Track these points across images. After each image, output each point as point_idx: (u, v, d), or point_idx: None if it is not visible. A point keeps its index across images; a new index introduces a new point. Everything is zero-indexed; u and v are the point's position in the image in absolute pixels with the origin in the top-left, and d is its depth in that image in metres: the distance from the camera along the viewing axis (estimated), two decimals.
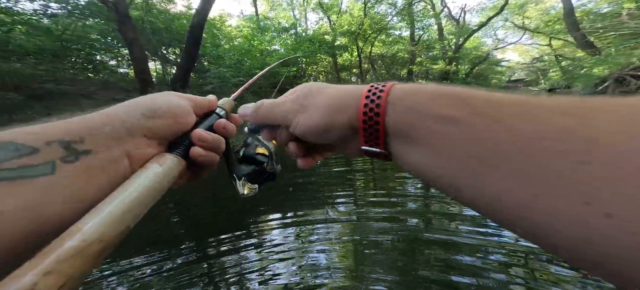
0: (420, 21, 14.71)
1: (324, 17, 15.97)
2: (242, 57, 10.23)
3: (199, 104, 0.31)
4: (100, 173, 0.21)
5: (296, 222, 1.74)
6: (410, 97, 0.20)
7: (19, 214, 0.17)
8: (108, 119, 0.23)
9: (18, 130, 0.19)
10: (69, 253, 0.16)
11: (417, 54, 15.29)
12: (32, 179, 0.17)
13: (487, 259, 1.23)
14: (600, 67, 6.07)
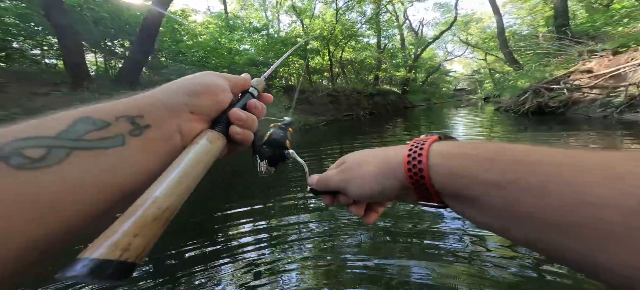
0: (386, 30, 14.83)
1: (297, 20, 15.10)
2: (208, 54, 8.74)
3: (234, 82, 0.29)
4: (159, 146, 0.21)
5: (267, 221, 1.58)
6: (451, 161, 0.19)
7: (98, 180, 0.17)
8: (160, 97, 0.23)
9: (89, 108, 0.19)
10: (150, 219, 0.17)
11: (382, 61, 15.53)
12: (106, 149, 0.18)
13: (460, 248, 1.18)
14: (522, 80, 6.46)
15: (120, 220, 0.16)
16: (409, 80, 14.80)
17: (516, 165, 0.16)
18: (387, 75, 16.13)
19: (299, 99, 11.28)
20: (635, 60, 4.00)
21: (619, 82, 4.12)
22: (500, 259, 1.08)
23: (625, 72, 4.10)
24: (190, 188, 0.20)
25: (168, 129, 0.22)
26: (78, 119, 0.18)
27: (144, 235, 0.16)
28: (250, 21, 13.80)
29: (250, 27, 12.62)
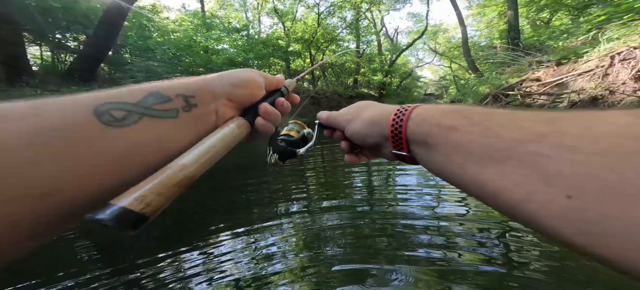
0: (365, 36, 15.32)
1: (279, 22, 14.76)
2: (181, 52, 8.10)
3: (270, 81, 0.32)
4: (200, 122, 0.24)
5: (247, 225, 1.51)
6: (425, 113, 0.23)
7: (156, 143, 0.20)
8: (208, 83, 0.26)
9: (159, 84, 0.23)
10: (173, 182, 0.18)
11: (361, 66, 15.90)
12: (165, 119, 0.21)
13: (433, 238, 1.23)
14: (483, 87, 6.99)
15: (149, 178, 0.18)
16: (386, 85, 15.33)
17: (473, 114, 0.19)
18: (366, 79, 16.50)
19: None
20: (575, 71, 4.55)
21: (563, 89, 4.65)
22: (483, 262, 1.07)
23: (567, 81, 4.64)
24: (213, 161, 0.23)
25: (209, 109, 0.25)
26: (151, 92, 0.21)
27: (165, 195, 0.18)
28: (230, 21, 13.16)
29: (229, 27, 12.02)
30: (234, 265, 1.16)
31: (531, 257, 1.07)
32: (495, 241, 1.20)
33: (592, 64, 4.28)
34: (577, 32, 5.83)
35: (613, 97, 3.74)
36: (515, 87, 5.63)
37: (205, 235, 1.47)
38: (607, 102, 3.78)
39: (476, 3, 13.84)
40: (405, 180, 2.18)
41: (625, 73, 3.73)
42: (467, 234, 1.28)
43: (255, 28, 14.40)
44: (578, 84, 4.38)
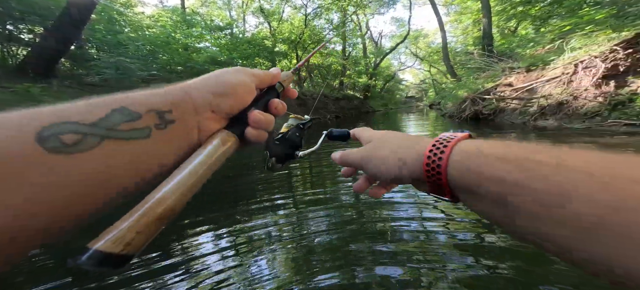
0: (351, 39, 15.37)
1: (264, 22, 14.32)
2: (157, 49, 7.49)
3: (262, 79, 0.27)
4: (178, 141, 0.21)
5: (233, 230, 1.45)
6: (469, 160, 0.19)
7: (125, 168, 0.17)
8: (185, 94, 0.22)
9: (125, 97, 0.19)
10: (153, 218, 0.17)
11: (347, 68, 15.92)
12: (133, 140, 0.18)
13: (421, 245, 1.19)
14: (461, 91, 7.26)
15: (127, 215, 0.17)
16: (370, 87, 15.48)
17: (520, 164, 0.16)
18: (351, 81, 16.56)
19: None
20: (544, 77, 4.77)
21: (532, 94, 4.86)
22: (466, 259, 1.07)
23: (536, 86, 4.86)
24: (196, 188, 0.20)
25: (189, 125, 0.22)
26: (115, 108, 0.18)
27: (146, 232, 0.16)
28: (212, 19, 12.50)
29: (211, 24, 11.40)
30: (216, 270, 1.09)
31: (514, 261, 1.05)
32: (479, 242, 1.20)
33: (558, 71, 4.51)
34: (542, 41, 6.17)
35: (576, 103, 3.94)
36: (491, 91, 5.84)
37: (188, 236, 1.38)
38: (571, 107, 3.97)
39: (454, 10, 14.41)
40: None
41: (587, 80, 3.94)
42: (451, 238, 1.26)
43: (239, 27, 13.84)
44: (546, 89, 4.59)
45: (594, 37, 4.35)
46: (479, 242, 1.19)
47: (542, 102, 4.45)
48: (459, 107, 6.60)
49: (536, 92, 4.80)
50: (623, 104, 3.38)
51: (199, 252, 1.24)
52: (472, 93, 6.27)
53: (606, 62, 3.77)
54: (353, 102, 14.82)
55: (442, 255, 1.09)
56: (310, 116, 0.34)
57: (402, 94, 21.93)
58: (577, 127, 3.67)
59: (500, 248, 1.12)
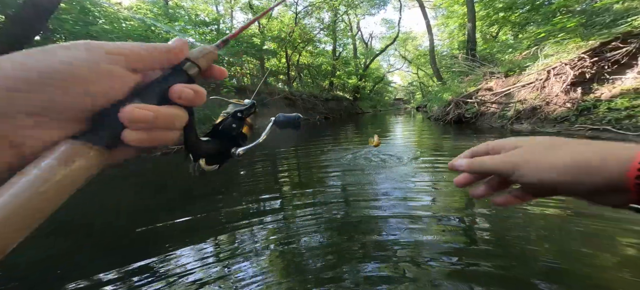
0: (341, 39, 15.40)
1: None
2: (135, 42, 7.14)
3: (141, 56, 0.17)
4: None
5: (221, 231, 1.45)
6: None
7: None
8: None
9: None
10: None
11: (337, 68, 15.93)
12: None
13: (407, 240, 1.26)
14: (446, 94, 7.47)
15: None
16: (359, 88, 15.59)
17: None
18: (341, 82, 16.58)
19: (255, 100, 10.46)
20: (520, 83, 4.98)
21: (510, 99, 5.07)
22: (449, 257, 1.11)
23: (514, 92, 5.07)
24: (15, 241, 0.13)
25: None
26: None
27: None
28: (197, 13, 12.08)
29: (196, 19, 11.01)
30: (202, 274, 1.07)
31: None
32: (458, 226, 1.32)
33: (532, 77, 4.72)
34: (519, 47, 6.44)
35: (548, 108, 4.14)
36: (473, 95, 6.02)
37: (166, 239, 1.34)
38: (543, 112, 4.17)
39: (441, 14, 14.80)
40: (380, 181, 2.14)
41: (558, 86, 4.15)
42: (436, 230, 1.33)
43: (226, 23, 13.46)
44: (522, 94, 4.79)
45: (565, 44, 4.59)
46: (469, 241, 1.24)
47: (518, 106, 4.64)
48: (443, 110, 6.76)
49: (513, 96, 5.01)
50: (588, 109, 3.59)
51: (179, 256, 1.21)
52: (457, 96, 6.44)
53: (574, 70, 3.99)
54: (342, 103, 14.87)
55: (431, 253, 1.12)
56: (252, 99, 0.29)
57: (390, 96, 22.31)
58: (548, 131, 3.85)
59: (491, 247, 1.16)
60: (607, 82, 3.73)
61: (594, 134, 3.25)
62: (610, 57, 3.73)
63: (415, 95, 19.36)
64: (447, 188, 1.91)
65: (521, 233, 1.28)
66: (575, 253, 1.10)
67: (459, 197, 1.76)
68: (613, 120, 3.19)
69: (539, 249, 1.14)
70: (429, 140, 4.55)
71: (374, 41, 19.36)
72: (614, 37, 3.76)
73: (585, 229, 1.26)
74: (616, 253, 1.09)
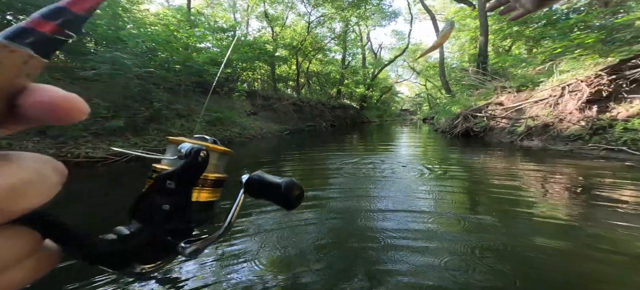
0: (351, 49, 15.59)
1: (267, 27, 14.54)
2: (157, 47, 7.55)
3: None
4: None
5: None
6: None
7: None
8: None
9: None
10: None
11: (345, 77, 16.06)
12: None
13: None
14: (455, 107, 7.31)
15: None
16: (366, 97, 15.59)
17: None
18: (348, 90, 16.67)
19: (263, 105, 10.67)
20: (532, 98, 4.81)
21: (521, 115, 4.89)
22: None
23: (525, 107, 4.89)
24: None
25: None
26: None
27: None
28: (216, 20, 12.68)
29: (214, 26, 11.56)
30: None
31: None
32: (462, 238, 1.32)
33: (546, 93, 4.54)
34: (533, 61, 6.24)
35: (561, 125, 3.95)
36: (482, 109, 5.86)
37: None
38: (556, 129, 3.98)
39: None
40: (382, 190, 2.09)
41: (572, 104, 3.97)
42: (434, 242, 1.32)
43: (242, 30, 14.02)
44: (533, 110, 4.61)
45: (582, 61, 4.41)
46: (466, 240, 1.27)
47: (530, 122, 4.47)
48: (451, 123, 6.61)
49: (525, 112, 4.83)
50: (604, 129, 3.39)
51: (175, 260, 1.24)
52: (465, 110, 6.29)
53: (591, 87, 3.81)
54: (349, 111, 14.89)
55: (432, 263, 1.13)
56: (205, 136, 0.19)
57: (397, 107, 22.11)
58: (560, 149, 3.67)
59: (493, 259, 1.16)
60: (625, 101, 3.53)
61: (608, 155, 3.06)
62: (629, 75, 3.54)
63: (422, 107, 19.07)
64: (452, 198, 1.86)
65: (526, 242, 1.25)
66: (580, 268, 1.06)
67: (463, 207, 1.71)
68: (629, 141, 2.99)
69: (544, 260, 1.10)
70: (435, 152, 4.46)
71: (383, 51, 19.48)
72: (635, 55, 3.58)
73: (590, 241, 1.22)
74: (621, 264, 1.01)
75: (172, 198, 0.16)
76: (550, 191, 2.04)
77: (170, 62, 7.53)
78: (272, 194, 0.19)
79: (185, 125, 5.82)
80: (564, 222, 1.49)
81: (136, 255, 0.15)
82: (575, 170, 2.55)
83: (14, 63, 0.10)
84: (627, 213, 1.53)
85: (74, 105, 0.11)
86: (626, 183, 2.07)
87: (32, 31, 0.11)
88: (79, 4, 0.12)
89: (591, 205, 1.70)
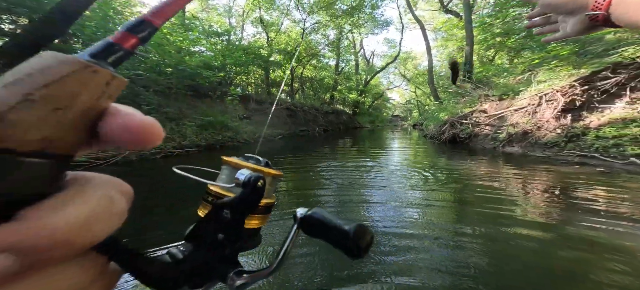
0: (344, 55, 15.83)
1: (262, 32, 14.61)
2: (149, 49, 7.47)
3: None
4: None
5: None
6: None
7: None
8: None
9: None
10: None
11: (338, 83, 16.24)
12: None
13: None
14: (442, 113, 7.50)
15: None
16: (359, 103, 15.79)
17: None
18: (342, 96, 16.83)
19: (256, 110, 10.62)
20: (513, 107, 5.00)
21: (503, 122, 5.07)
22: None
23: (506, 115, 5.07)
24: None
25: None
26: None
27: None
28: (211, 24, 12.64)
29: (209, 30, 11.51)
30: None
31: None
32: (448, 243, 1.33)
33: (525, 101, 4.74)
34: (514, 71, 6.51)
35: (539, 132, 4.12)
36: (468, 116, 6.04)
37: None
38: (534, 136, 4.15)
39: (441, 36, 15.19)
40: (372, 194, 2.11)
41: (549, 112, 4.16)
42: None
43: (237, 35, 14.01)
44: (514, 118, 4.79)
45: (558, 71, 4.64)
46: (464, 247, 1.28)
47: (510, 130, 4.63)
48: (439, 129, 6.77)
49: (506, 120, 5.01)
50: (578, 136, 3.56)
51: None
52: (452, 116, 6.47)
53: (565, 97, 4.00)
54: (342, 116, 15.02)
55: (418, 270, 1.14)
56: (260, 158, 0.18)
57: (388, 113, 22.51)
58: (538, 155, 3.81)
59: (478, 263, 1.18)
60: (596, 110, 3.72)
61: (581, 161, 3.20)
62: (600, 86, 3.75)
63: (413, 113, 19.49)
64: (439, 204, 1.90)
65: (506, 240, 1.30)
66: (555, 263, 1.12)
67: (449, 214, 1.74)
68: (601, 148, 3.15)
69: (523, 256, 1.16)
70: (423, 158, 4.54)
71: (375, 59, 19.92)
72: (605, 67, 3.80)
73: (564, 239, 1.27)
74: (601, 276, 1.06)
75: (227, 227, 0.16)
76: (529, 195, 2.13)
77: (161, 65, 7.41)
78: (335, 238, 0.18)
79: (175, 129, 5.70)
80: (541, 222, 1.56)
81: (186, 279, 0.15)
82: (552, 175, 2.66)
83: (98, 84, 0.10)
84: (599, 214, 1.61)
85: (154, 131, 0.11)
86: (598, 187, 2.17)
87: (118, 47, 0.11)
88: (160, 16, 0.12)
89: (566, 207, 1.79)
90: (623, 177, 2.46)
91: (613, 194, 2.00)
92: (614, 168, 2.81)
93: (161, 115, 5.74)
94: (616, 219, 1.56)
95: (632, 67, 3.54)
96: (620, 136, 3.09)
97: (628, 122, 3.20)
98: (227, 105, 9.05)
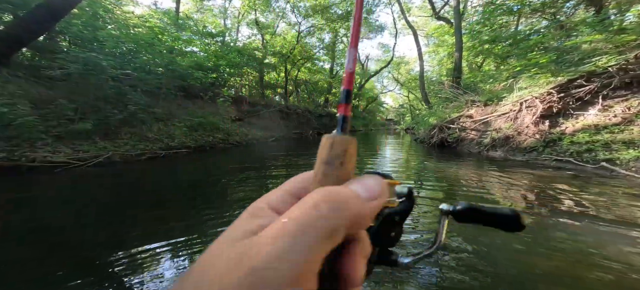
0: (339, 59, 15.97)
1: (258, 34, 14.61)
2: (139, 49, 7.32)
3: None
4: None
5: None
6: None
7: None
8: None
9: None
10: None
11: (333, 86, 16.35)
12: None
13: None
14: (432, 118, 7.72)
15: None
16: (353, 107, 15.92)
17: None
18: (336, 99, 16.94)
19: (249, 112, 10.57)
20: (496, 112, 5.15)
21: (487, 127, 5.21)
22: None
23: (491, 120, 5.22)
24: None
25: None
26: None
27: None
28: (205, 25, 12.55)
29: (203, 30, 11.42)
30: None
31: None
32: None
33: (507, 107, 4.89)
34: (499, 78, 6.72)
35: (520, 137, 4.25)
36: (455, 121, 6.19)
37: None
38: (515, 141, 4.28)
39: (433, 42, 15.53)
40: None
41: (529, 118, 4.30)
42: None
43: (232, 36, 13.96)
44: (498, 123, 4.94)
45: (537, 79, 4.81)
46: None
47: (494, 134, 4.77)
48: (428, 133, 6.90)
49: (491, 125, 5.15)
50: (554, 142, 3.70)
51: (161, 267, 1.18)
52: (441, 121, 6.61)
53: (544, 103, 4.16)
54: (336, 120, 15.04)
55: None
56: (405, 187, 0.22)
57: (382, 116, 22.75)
58: (518, 159, 3.94)
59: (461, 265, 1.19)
60: (572, 117, 3.88)
61: (557, 165, 3.33)
62: (575, 94, 3.91)
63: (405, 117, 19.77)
64: (421, 203, 1.93)
65: (486, 239, 1.32)
66: (533, 261, 1.17)
67: (430, 215, 1.78)
68: (575, 153, 3.29)
69: (501, 253, 1.21)
70: (413, 160, 4.63)
71: (369, 63, 20.15)
72: (580, 75, 3.97)
73: (541, 239, 1.32)
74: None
75: (397, 228, 0.22)
76: (509, 196, 2.20)
77: (151, 64, 7.30)
78: (498, 221, 0.24)
79: (163, 130, 5.61)
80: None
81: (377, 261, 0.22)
82: (530, 178, 2.75)
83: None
84: (572, 215, 1.69)
85: None
86: (572, 190, 2.27)
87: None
88: (350, 83, 0.16)
89: (542, 208, 1.86)
90: (594, 181, 2.57)
91: (585, 196, 2.10)
92: (586, 172, 2.93)
93: (149, 116, 5.65)
94: (593, 221, 1.62)
95: (604, 76, 3.72)
96: (592, 142, 3.23)
97: (600, 129, 3.35)
98: (219, 106, 8.97)
